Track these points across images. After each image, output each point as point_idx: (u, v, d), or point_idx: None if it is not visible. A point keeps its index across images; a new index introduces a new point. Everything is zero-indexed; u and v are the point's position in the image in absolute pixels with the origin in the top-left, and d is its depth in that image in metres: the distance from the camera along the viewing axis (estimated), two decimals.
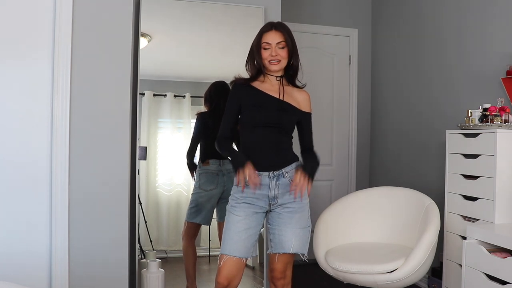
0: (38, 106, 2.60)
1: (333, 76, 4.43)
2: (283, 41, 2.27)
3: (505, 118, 2.61)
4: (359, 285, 2.75)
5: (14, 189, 2.56)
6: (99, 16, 2.70)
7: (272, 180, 2.27)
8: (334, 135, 4.44)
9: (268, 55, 2.27)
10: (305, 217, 2.32)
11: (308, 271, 3.90)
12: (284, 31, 2.29)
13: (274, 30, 2.29)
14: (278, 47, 2.27)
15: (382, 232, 3.13)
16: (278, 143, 2.30)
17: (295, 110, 2.33)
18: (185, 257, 3.17)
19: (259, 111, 2.28)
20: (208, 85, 3.23)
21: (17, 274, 2.53)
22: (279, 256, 2.31)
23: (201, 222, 3.17)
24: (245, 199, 2.29)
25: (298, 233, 2.28)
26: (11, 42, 2.55)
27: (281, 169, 2.28)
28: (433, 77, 3.62)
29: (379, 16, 4.40)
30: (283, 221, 2.28)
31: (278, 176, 2.28)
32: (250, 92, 2.32)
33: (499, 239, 2.25)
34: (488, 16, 3.08)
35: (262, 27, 2.36)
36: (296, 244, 2.28)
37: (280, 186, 2.28)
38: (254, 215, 2.29)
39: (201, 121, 3.22)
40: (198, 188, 3.16)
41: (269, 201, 2.29)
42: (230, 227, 2.28)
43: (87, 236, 2.67)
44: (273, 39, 2.27)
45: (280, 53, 2.27)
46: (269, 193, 2.28)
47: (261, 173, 2.27)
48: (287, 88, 2.36)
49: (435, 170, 3.53)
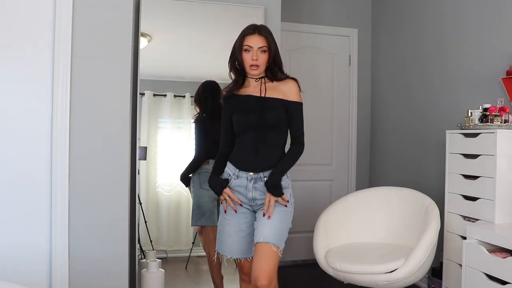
0: (38, 106, 2.59)
1: (333, 76, 4.43)
2: (265, 46, 2.26)
3: (505, 118, 2.61)
4: (359, 285, 2.75)
5: (14, 188, 2.56)
6: (99, 16, 2.70)
7: (250, 182, 2.27)
8: (334, 135, 4.44)
9: (249, 58, 2.26)
10: (287, 215, 2.26)
11: (308, 271, 3.90)
12: (267, 35, 2.27)
13: (257, 34, 2.26)
14: (259, 51, 2.26)
15: (382, 232, 3.13)
16: (262, 145, 2.28)
17: (280, 101, 2.29)
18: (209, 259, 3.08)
19: (244, 115, 2.29)
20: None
21: (17, 274, 2.53)
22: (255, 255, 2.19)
23: (206, 224, 3.12)
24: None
25: (274, 225, 2.19)
26: (11, 42, 2.55)
27: (260, 173, 2.27)
28: (433, 77, 3.62)
29: (379, 16, 4.40)
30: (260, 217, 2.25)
31: (256, 179, 2.27)
32: (236, 100, 2.34)
33: (499, 239, 2.25)
34: (488, 16, 3.08)
35: (244, 28, 2.32)
36: (268, 234, 2.16)
37: (257, 189, 2.27)
38: (242, 215, 2.31)
39: (198, 126, 3.22)
40: (199, 187, 3.15)
41: (249, 202, 2.30)
42: (222, 230, 2.35)
43: (87, 236, 2.67)
44: (255, 43, 2.25)
45: (260, 58, 2.26)
46: (247, 195, 2.28)
47: (240, 174, 2.29)
48: (270, 84, 2.33)
49: (435, 170, 3.53)
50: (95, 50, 2.70)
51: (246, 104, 2.31)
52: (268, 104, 2.28)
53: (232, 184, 2.31)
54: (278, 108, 2.28)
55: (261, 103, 2.29)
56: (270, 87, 2.32)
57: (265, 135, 2.28)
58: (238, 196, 2.30)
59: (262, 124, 2.26)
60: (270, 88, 2.32)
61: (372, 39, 4.51)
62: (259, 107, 2.28)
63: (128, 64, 2.78)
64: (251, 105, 2.30)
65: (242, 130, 2.31)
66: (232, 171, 2.32)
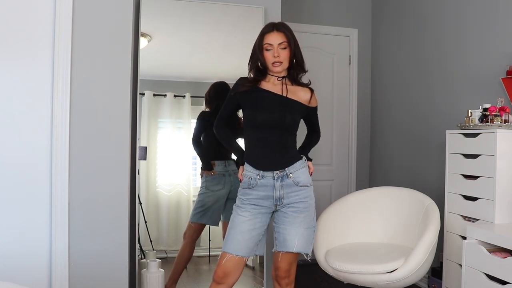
0: (38, 106, 2.59)
1: (333, 76, 4.43)
2: (285, 41, 2.27)
3: (505, 118, 2.61)
4: (359, 285, 2.75)
5: (14, 190, 2.56)
6: (99, 16, 2.70)
7: (277, 181, 2.28)
8: (334, 135, 4.44)
9: (271, 56, 2.27)
10: (310, 217, 2.34)
11: (308, 271, 3.90)
12: (286, 31, 2.29)
13: (275, 31, 2.28)
14: (280, 47, 2.26)
15: (382, 232, 3.13)
16: (281, 143, 2.30)
17: (301, 105, 2.34)
18: (180, 258, 3.15)
19: (261, 111, 2.28)
20: (208, 85, 3.23)
21: (17, 274, 2.53)
22: (283, 254, 2.32)
23: (207, 222, 3.17)
24: (251, 200, 2.30)
25: (302, 232, 2.29)
26: (11, 42, 2.55)
27: (285, 170, 2.29)
28: (433, 77, 3.61)
29: (379, 16, 4.40)
30: (288, 220, 2.29)
31: (282, 177, 2.28)
32: (253, 91, 2.32)
33: (499, 239, 2.25)
34: (488, 16, 3.08)
35: (263, 27, 2.35)
36: (299, 244, 2.29)
37: (285, 187, 2.29)
38: (259, 216, 2.30)
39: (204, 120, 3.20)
40: (205, 188, 3.16)
41: (274, 201, 2.30)
42: (234, 227, 2.30)
43: (87, 236, 2.67)
44: (275, 40, 2.26)
45: (282, 54, 2.27)
46: (274, 194, 2.28)
47: (265, 174, 2.28)
48: (291, 87, 2.36)
49: (435, 170, 3.53)
50: (95, 50, 2.70)
51: (265, 101, 2.30)
52: (289, 105, 2.30)
53: (257, 184, 2.30)
54: (298, 111, 2.33)
55: (282, 102, 2.30)
56: (290, 89, 2.34)
57: (280, 135, 2.29)
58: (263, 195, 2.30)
59: (279, 125, 2.28)
60: (290, 90, 2.34)
61: (372, 39, 4.51)
62: (279, 106, 2.28)
63: (128, 64, 2.78)
64: (270, 103, 2.29)
65: (257, 125, 2.30)
66: (255, 172, 2.30)
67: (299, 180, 2.30)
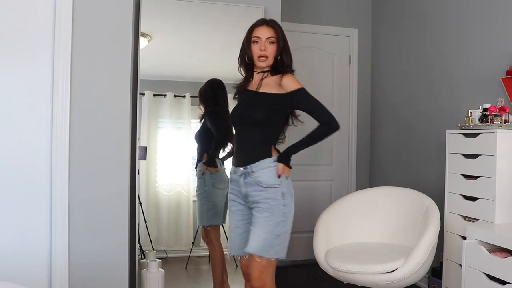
0: (38, 106, 2.59)
1: (333, 76, 4.43)
2: (274, 36, 2.26)
3: (505, 118, 2.61)
4: (359, 285, 2.75)
5: (14, 190, 2.56)
6: (99, 16, 2.70)
7: (241, 177, 2.27)
8: (334, 135, 4.41)
9: (258, 49, 2.25)
10: (275, 221, 2.18)
11: (308, 271, 3.90)
12: (276, 27, 2.29)
13: (265, 26, 2.28)
14: (267, 41, 2.25)
15: (382, 232, 3.13)
16: (250, 140, 2.27)
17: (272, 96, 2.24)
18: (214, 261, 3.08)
19: (236, 109, 2.35)
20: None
21: (17, 273, 2.53)
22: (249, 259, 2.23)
23: (217, 223, 3.17)
24: (230, 196, 2.37)
25: (259, 234, 2.18)
26: (11, 42, 2.55)
27: (247, 167, 2.24)
28: (433, 77, 3.61)
29: (379, 16, 4.40)
30: (253, 220, 2.24)
31: (245, 175, 2.25)
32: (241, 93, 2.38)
33: (499, 239, 2.25)
34: (488, 16, 3.08)
35: (254, 22, 2.34)
36: (254, 245, 2.17)
37: (248, 185, 2.24)
38: (239, 213, 2.32)
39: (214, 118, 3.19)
40: (212, 187, 3.15)
41: (243, 198, 2.30)
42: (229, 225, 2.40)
43: (87, 236, 2.67)
44: (263, 33, 2.26)
45: (269, 49, 2.25)
46: (241, 190, 2.29)
47: (236, 170, 2.32)
48: (270, 79, 2.29)
49: (435, 170, 3.53)
50: (95, 50, 2.70)
51: (242, 99, 2.34)
52: (261, 99, 2.26)
53: (231, 179, 2.36)
54: (270, 103, 2.24)
55: (255, 97, 2.28)
56: (268, 82, 2.29)
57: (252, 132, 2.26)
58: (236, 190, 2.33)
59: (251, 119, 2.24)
60: (268, 83, 2.28)
61: (372, 39, 4.51)
62: (252, 102, 2.28)
63: (128, 64, 2.78)
64: (244, 100, 2.32)
65: (233, 124, 2.35)
66: (232, 167, 2.37)
67: (261, 180, 2.21)
